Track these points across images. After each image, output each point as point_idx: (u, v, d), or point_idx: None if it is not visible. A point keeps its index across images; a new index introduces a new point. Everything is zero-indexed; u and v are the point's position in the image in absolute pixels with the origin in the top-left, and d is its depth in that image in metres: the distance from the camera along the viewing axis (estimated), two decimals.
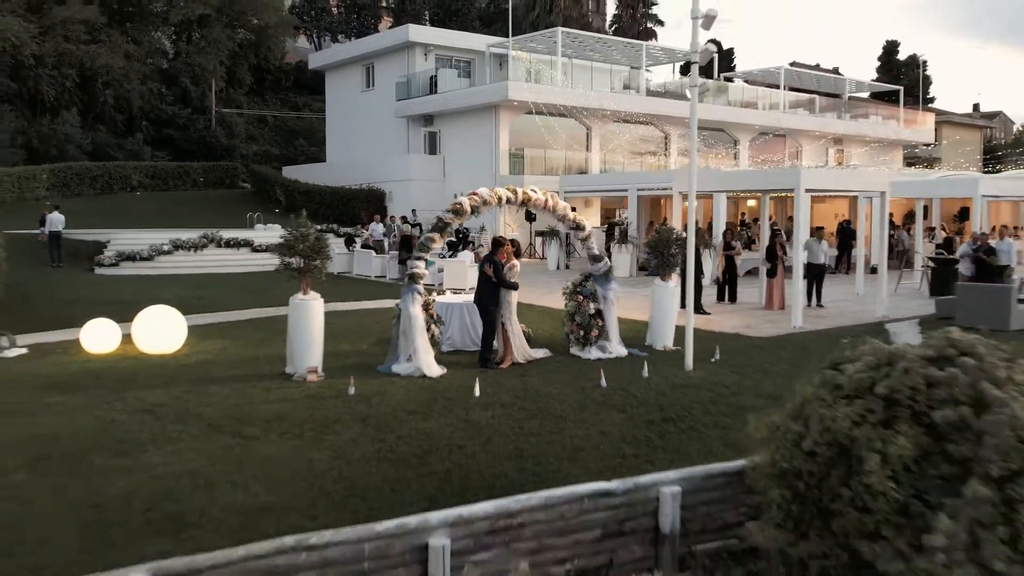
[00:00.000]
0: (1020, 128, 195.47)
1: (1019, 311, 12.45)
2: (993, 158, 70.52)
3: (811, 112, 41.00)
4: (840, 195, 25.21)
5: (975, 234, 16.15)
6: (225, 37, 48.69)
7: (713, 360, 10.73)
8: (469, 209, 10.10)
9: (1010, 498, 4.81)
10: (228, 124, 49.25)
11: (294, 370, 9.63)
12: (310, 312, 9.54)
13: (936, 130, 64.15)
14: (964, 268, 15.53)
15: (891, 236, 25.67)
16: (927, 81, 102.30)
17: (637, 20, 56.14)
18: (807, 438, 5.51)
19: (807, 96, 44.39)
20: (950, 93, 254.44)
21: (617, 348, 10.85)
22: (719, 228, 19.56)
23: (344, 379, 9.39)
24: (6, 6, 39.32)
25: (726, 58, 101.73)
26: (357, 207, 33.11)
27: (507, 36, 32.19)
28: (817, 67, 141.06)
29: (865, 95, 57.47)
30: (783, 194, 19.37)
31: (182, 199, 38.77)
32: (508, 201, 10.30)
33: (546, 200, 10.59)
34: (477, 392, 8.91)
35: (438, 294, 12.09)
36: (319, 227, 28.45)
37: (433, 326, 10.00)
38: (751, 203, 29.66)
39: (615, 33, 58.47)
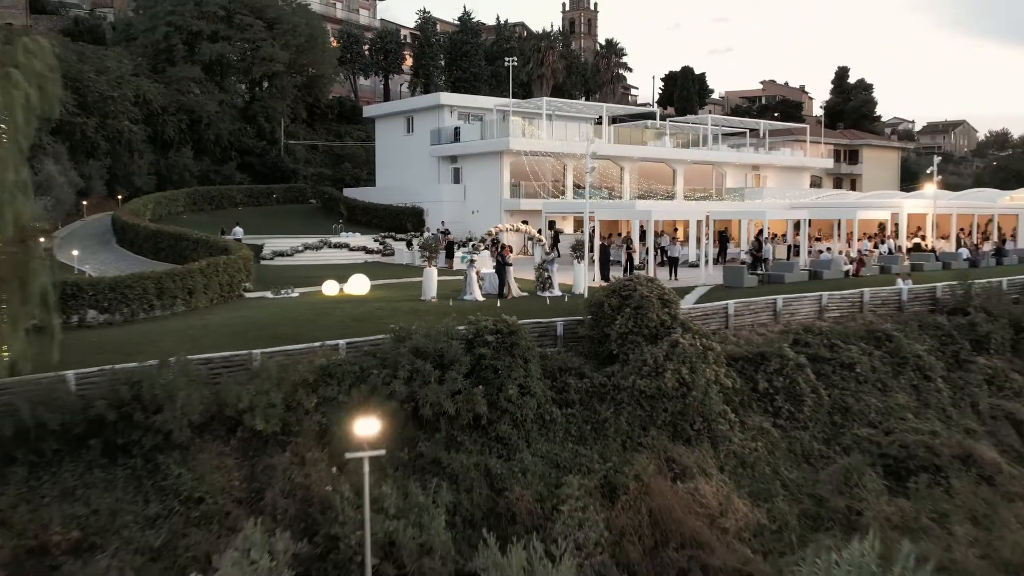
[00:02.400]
0: (987, 134, 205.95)
1: (748, 278, 26.75)
2: (909, 175, 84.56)
3: (734, 147, 55.19)
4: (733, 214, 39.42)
5: (751, 240, 30.39)
6: (290, 85, 63.04)
7: None
8: (496, 232, 24.43)
9: (623, 303, 19.31)
10: (292, 152, 63.59)
11: (425, 297, 23.93)
12: (433, 273, 23.89)
13: (857, 152, 78.43)
14: (746, 257, 29.82)
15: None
16: (872, 103, 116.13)
17: (611, 67, 70.44)
18: (594, 300, 20.30)
19: (741, 131, 58.78)
20: (936, 96, 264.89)
21: (557, 292, 25.15)
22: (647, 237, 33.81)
23: (446, 301, 23.66)
24: (140, 69, 53.66)
25: (699, 82, 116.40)
26: (403, 220, 47.18)
27: (509, 69, 46.12)
28: (785, 85, 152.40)
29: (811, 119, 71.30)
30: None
31: (269, 212, 52.91)
32: (509, 229, 24.60)
33: (527, 229, 24.93)
34: (499, 305, 23.17)
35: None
36: (382, 234, 42.88)
37: (479, 280, 24.34)
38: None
39: (592, 76, 72.57)
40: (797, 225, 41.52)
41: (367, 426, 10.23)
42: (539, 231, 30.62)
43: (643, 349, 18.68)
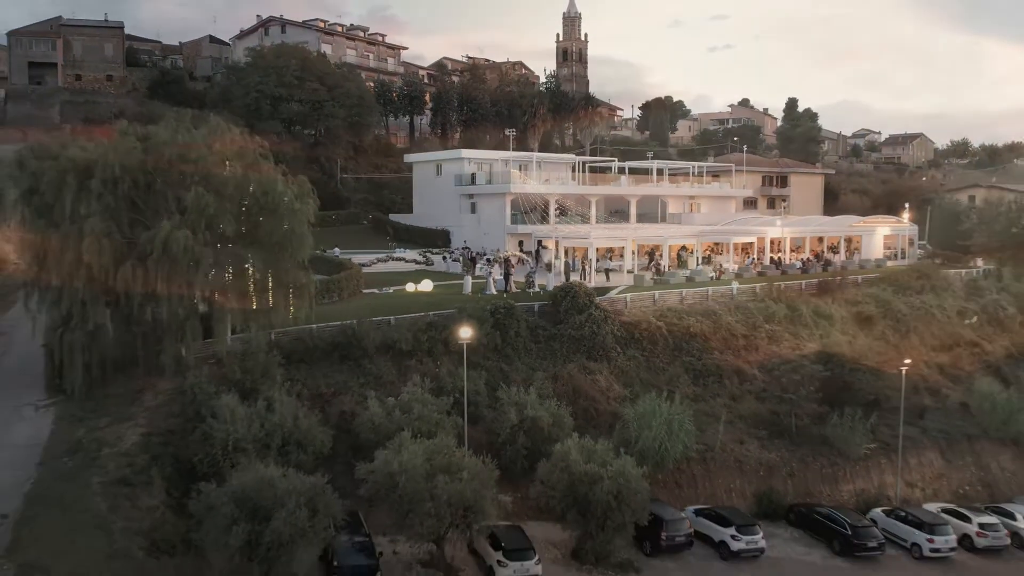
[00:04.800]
0: (948, 143, 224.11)
1: (647, 281, 46.73)
2: (832, 197, 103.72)
3: (673, 183, 75.29)
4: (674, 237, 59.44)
5: (656, 256, 50.37)
6: (343, 131, 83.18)
7: None
8: (504, 255, 44.59)
9: (566, 293, 39.73)
10: (345, 183, 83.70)
11: (465, 291, 44.08)
12: (469, 278, 44.10)
13: (786, 178, 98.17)
14: (653, 267, 49.76)
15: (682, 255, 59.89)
16: (817, 129, 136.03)
17: (589, 115, 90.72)
18: (553, 293, 40.77)
19: (683, 167, 78.85)
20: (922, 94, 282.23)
21: (537, 289, 45.21)
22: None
23: (476, 294, 43.72)
24: (238, 125, 73.62)
25: (671, 109, 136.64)
26: (435, 239, 67.17)
27: (510, 138, 66.22)
28: (751, 108, 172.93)
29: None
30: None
31: (333, 232, 72.20)
32: (512, 254, 44.78)
33: (521, 254, 45.14)
34: (505, 295, 43.23)
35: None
36: (424, 249, 63.19)
37: (494, 281, 44.49)
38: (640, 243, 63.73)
39: (576, 116, 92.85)
40: (717, 244, 61.60)
41: (465, 331, 30.18)
42: (527, 252, 50.83)
43: (575, 316, 38.58)
